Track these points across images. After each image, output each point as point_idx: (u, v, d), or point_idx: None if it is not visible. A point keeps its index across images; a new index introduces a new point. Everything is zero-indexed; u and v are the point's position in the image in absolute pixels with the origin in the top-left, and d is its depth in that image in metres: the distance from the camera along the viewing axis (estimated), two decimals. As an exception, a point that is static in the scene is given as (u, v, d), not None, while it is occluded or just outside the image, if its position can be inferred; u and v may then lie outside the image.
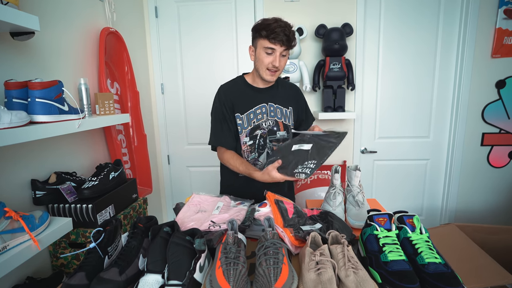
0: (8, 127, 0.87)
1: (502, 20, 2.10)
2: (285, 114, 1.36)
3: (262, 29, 1.20)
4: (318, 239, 0.85)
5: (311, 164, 1.02)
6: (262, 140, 1.33)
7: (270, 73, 1.26)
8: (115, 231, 0.91)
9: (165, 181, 2.52)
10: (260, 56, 1.24)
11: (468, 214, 2.38)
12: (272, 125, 1.34)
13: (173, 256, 0.77)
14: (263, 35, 1.19)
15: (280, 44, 1.19)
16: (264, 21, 1.21)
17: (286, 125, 1.37)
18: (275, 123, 1.35)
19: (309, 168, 1.01)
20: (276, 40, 1.17)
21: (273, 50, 1.20)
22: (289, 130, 1.37)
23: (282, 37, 1.17)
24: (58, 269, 1.29)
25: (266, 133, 1.34)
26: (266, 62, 1.23)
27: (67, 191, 1.24)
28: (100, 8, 1.71)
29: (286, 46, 1.20)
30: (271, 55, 1.22)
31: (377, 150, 2.36)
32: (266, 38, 1.19)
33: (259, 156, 1.36)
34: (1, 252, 0.84)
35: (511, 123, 2.25)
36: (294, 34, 1.22)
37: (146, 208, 1.66)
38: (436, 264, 0.72)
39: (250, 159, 1.36)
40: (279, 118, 1.35)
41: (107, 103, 1.47)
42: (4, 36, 1.07)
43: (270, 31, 1.17)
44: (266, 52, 1.22)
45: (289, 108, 1.38)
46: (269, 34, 1.17)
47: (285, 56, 1.25)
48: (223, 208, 1.10)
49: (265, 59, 1.23)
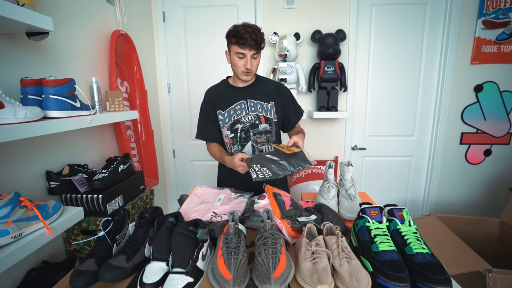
0: (22, 121, 0.84)
1: (481, 30, 2.08)
2: (265, 108, 1.36)
3: (232, 36, 1.22)
4: (314, 230, 0.83)
5: (267, 173, 1.01)
6: (244, 133, 1.35)
7: (245, 74, 1.28)
8: (123, 220, 0.89)
9: (170, 173, 2.49)
10: (234, 60, 1.26)
11: (447, 206, 2.38)
12: (254, 119, 1.35)
13: (177, 245, 0.74)
14: (233, 42, 1.22)
15: (249, 48, 1.21)
16: (235, 28, 1.22)
17: (268, 118, 1.37)
18: (256, 117, 1.35)
19: (263, 174, 1.01)
20: (245, 45, 1.20)
21: (244, 54, 1.22)
22: (271, 122, 1.37)
23: (250, 42, 1.19)
24: (72, 254, 1.27)
25: (248, 127, 1.34)
26: (240, 65, 1.26)
27: (79, 182, 1.21)
28: (111, 12, 1.66)
29: (255, 50, 1.22)
30: (243, 59, 1.24)
31: (366, 147, 2.34)
32: (236, 44, 1.21)
33: (242, 148, 1.36)
34: (17, 239, 0.81)
35: (487, 124, 2.24)
36: (262, 37, 1.23)
37: (152, 198, 1.64)
38: (424, 254, 0.71)
39: (234, 151, 1.38)
40: (259, 112, 1.35)
41: (117, 101, 1.44)
42: (20, 36, 1.04)
43: (239, 38, 1.19)
44: (238, 57, 1.24)
45: (270, 103, 1.37)
46: (238, 40, 1.19)
47: (256, 58, 1.27)
48: (224, 200, 1.08)
49: (238, 63, 1.25)
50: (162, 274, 0.72)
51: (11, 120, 0.80)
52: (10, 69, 1.01)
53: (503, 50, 2.09)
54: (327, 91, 2.08)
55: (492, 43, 2.09)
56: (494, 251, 1.75)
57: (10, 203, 0.79)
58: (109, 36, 1.61)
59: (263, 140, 1.36)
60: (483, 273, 1.28)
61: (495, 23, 2.06)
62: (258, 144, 1.36)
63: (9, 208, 0.79)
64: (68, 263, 1.17)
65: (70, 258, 1.21)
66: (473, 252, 1.42)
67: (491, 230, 1.77)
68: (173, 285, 0.67)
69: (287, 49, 1.98)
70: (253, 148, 1.36)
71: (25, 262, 1.06)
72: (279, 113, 1.39)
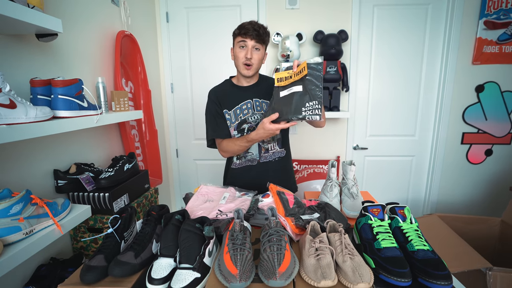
0: (34, 121, 0.86)
1: (482, 31, 2.09)
2: None
3: (236, 29, 1.26)
4: (317, 227, 0.85)
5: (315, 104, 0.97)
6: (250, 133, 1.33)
7: (246, 68, 1.28)
8: (130, 218, 0.90)
9: (174, 172, 2.51)
10: (236, 52, 1.28)
11: (448, 206, 2.39)
12: (261, 119, 1.35)
13: (184, 242, 0.76)
14: (237, 33, 1.26)
15: (250, 37, 1.22)
16: (240, 24, 1.26)
17: None
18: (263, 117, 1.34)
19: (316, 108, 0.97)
20: (246, 34, 1.22)
21: (245, 43, 1.24)
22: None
23: (252, 32, 1.21)
24: (78, 251, 1.29)
25: (254, 127, 1.34)
26: (241, 56, 1.26)
27: (86, 180, 1.23)
28: (116, 13, 1.68)
29: (256, 40, 1.23)
30: (244, 49, 1.25)
31: (368, 146, 2.35)
32: (238, 35, 1.25)
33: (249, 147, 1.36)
34: (28, 236, 0.84)
35: (488, 124, 2.25)
36: (265, 31, 1.25)
37: (157, 197, 1.66)
38: (425, 251, 0.72)
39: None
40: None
41: (122, 101, 1.46)
42: (29, 38, 1.06)
43: (241, 28, 1.23)
44: (239, 47, 1.25)
45: None
46: (240, 31, 1.23)
47: (259, 50, 1.26)
48: (229, 198, 1.10)
49: (239, 53, 1.26)
50: (170, 270, 0.74)
51: (23, 119, 0.82)
52: (20, 69, 1.04)
53: (504, 50, 2.10)
54: (329, 91, 2.09)
55: (494, 43, 2.10)
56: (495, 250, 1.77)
57: (22, 200, 0.82)
58: (114, 36, 1.63)
59: (269, 139, 1.37)
60: (483, 271, 1.29)
61: (496, 23, 2.07)
62: (265, 143, 1.37)
63: (21, 206, 0.81)
64: (75, 260, 1.19)
65: (77, 255, 1.23)
66: (473, 250, 1.44)
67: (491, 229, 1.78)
68: (181, 280, 0.69)
69: (290, 50, 2.00)
70: (259, 148, 1.37)
71: (34, 259, 1.08)
72: None
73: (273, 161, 1.40)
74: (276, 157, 1.40)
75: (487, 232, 1.78)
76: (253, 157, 1.38)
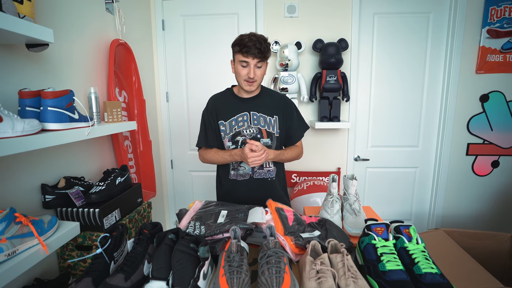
0: (21, 135, 0.85)
1: (486, 39, 2.12)
2: (269, 122, 1.37)
3: (236, 45, 1.25)
4: (318, 247, 0.83)
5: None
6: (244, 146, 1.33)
7: (248, 84, 1.29)
8: (121, 237, 0.88)
9: (168, 184, 2.49)
10: (237, 69, 1.28)
11: (454, 219, 2.37)
12: (256, 133, 1.35)
13: (178, 264, 0.74)
14: (237, 50, 1.25)
15: (252, 57, 1.22)
16: (240, 37, 1.25)
17: (270, 132, 1.37)
18: (258, 131, 1.36)
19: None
20: (248, 54, 1.21)
21: (247, 63, 1.24)
22: (272, 137, 1.38)
23: (254, 51, 1.20)
24: (65, 270, 1.26)
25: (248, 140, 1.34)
26: (243, 74, 1.27)
27: (75, 195, 1.21)
28: (110, 21, 1.69)
29: (259, 59, 1.23)
30: (246, 67, 1.26)
31: (369, 158, 2.34)
32: (239, 52, 1.24)
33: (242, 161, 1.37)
34: (11, 257, 0.81)
35: (494, 134, 2.25)
36: (267, 47, 1.25)
37: (150, 212, 1.63)
38: (433, 274, 0.70)
39: (234, 164, 1.39)
40: (262, 126, 1.36)
41: (115, 111, 1.45)
42: (19, 47, 1.05)
43: (243, 46, 1.21)
44: (241, 65, 1.26)
45: (274, 117, 1.38)
46: (242, 49, 1.22)
47: (261, 67, 1.27)
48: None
49: (241, 71, 1.27)
50: (162, 294, 0.72)
51: (9, 134, 0.81)
52: (8, 80, 1.03)
53: (509, 59, 2.12)
54: (329, 101, 2.10)
55: (498, 52, 2.12)
56: (505, 267, 1.74)
57: (5, 219, 0.80)
58: (108, 45, 1.63)
59: None
60: (493, 292, 1.26)
61: (500, 32, 2.10)
62: None
63: (4, 225, 0.79)
64: (61, 281, 1.16)
65: (63, 274, 1.19)
66: (482, 269, 1.41)
67: (501, 245, 1.76)
68: (173, 306, 0.67)
69: (288, 58, 2.01)
70: None
71: (17, 280, 1.05)
72: (282, 127, 1.40)
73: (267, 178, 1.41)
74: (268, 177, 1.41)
75: (497, 249, 1.75)
76: (246, 171, 1.39)
